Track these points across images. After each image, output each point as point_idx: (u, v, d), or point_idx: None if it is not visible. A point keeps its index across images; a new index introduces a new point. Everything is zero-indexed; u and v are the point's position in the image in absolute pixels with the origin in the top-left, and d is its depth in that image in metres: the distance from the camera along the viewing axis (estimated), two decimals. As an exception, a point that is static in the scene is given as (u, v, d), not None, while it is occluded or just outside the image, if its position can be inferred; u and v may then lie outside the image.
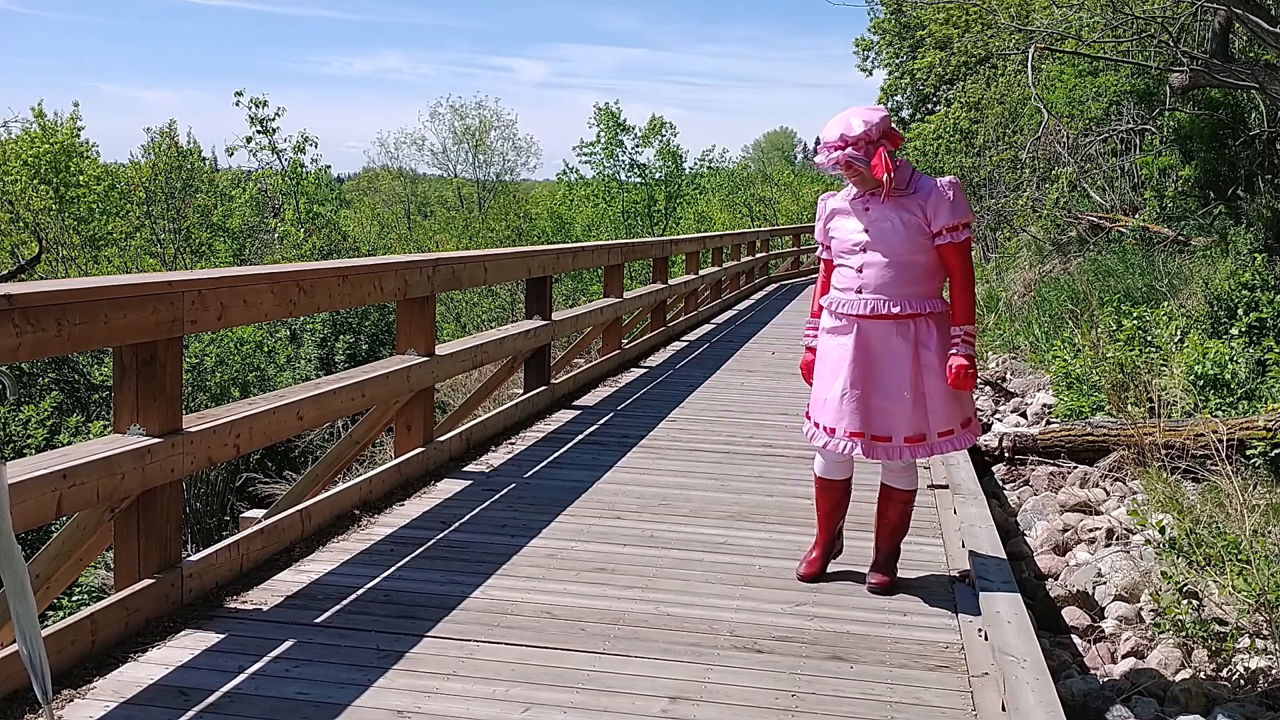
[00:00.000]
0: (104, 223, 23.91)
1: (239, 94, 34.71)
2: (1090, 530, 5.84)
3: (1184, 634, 4.34)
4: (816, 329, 4.29)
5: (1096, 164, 16.52)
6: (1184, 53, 13.09)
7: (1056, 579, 5.35)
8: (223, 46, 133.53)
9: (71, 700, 3.06)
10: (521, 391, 8.06)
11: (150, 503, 3.64)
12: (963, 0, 23.38)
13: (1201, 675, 4.09)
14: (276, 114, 31.73)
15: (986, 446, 7.46)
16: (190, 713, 3.02)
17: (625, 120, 39.63)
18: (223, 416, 4.08)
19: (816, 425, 4.18)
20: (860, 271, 4.05)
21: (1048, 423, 8.41)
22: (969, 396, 4.18)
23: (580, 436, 6.97)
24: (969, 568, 4.36)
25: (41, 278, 17.06)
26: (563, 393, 8.28)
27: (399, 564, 4.35)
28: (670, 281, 12.69)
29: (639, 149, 39.95)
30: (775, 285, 23.69)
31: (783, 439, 7.01)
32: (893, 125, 4.02)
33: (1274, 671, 4.02)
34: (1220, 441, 5.70)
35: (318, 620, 3.73)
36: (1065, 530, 5.95)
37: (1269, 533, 4.91)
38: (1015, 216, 18.99)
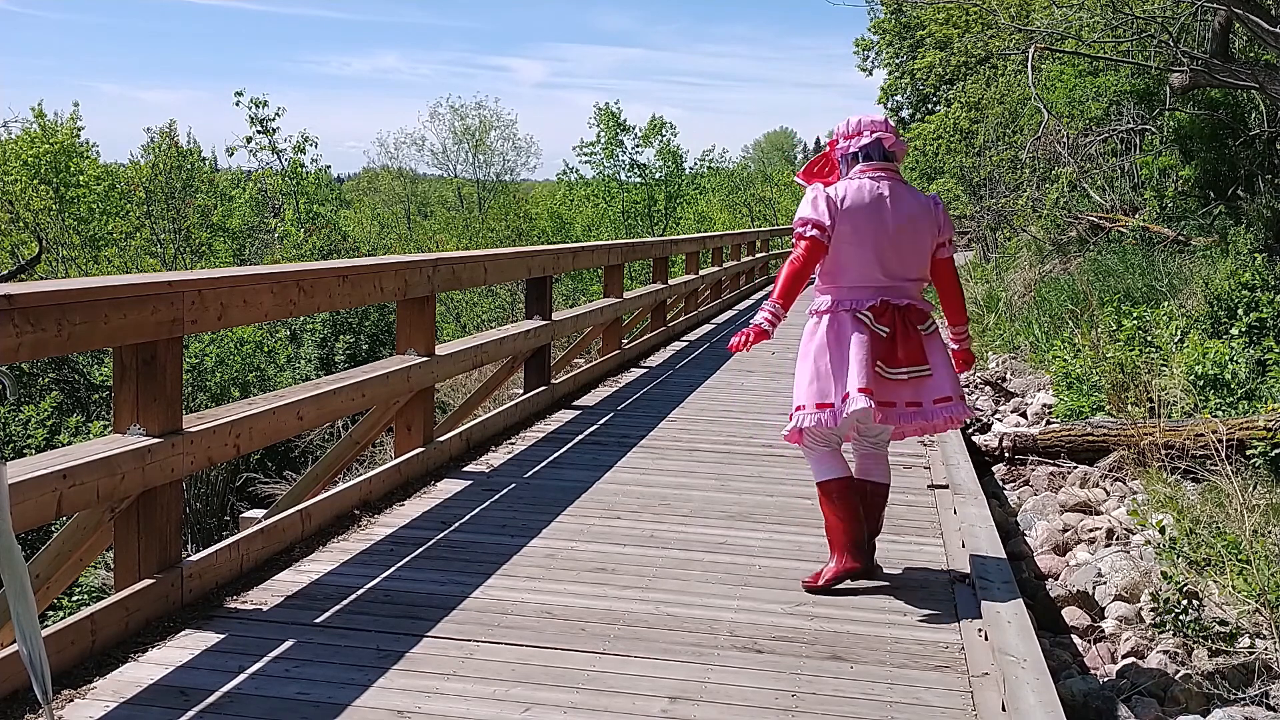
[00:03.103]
0: (104, 223, 23.91)
1: (239, 94, 34.76)
2: (1090, 530, 5.84)
3: (1184, 634, 4.34)
4: None
5: (1096, 164, 16.52)
6: (1184, 53, 13.09)
7: (1056, 579, 5.35)
8: (222, 46, 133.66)
9: (71, 700, 3.06)
10: (521, 392, 8.05)
11: (150, 503, 3.64)
12: (963, 0, 23.39)
13: (1201, 675, 4.08)
14: (276, 114, 31.80)
15: (986, 446, 7.46)
16: (190, 713, 3.02)
17: (625, 120, 39.68)
18: (223, 416, 4.08)
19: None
20: None
21: (1048, 423, 8.42)
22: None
23: (580, 436, 6.96)
24: (969, 568, 4.36)
25: (41, 278, 17.06)
26: (563, 393, 8.27)
27: (399, 564, 4.35)
28: (670, 281, 12.69)
29: (639, 149, 39.99)
30: (775, 285, 23.68)
31: (783, 439, 6.99)
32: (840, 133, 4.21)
33: (1274, 671, 4.02)
34: (1220, 441, 5.70)
35: (318, 620, 3.73)
36: (1065, 530, 5.95)
37: (1269, 533, 4.91)
38: (1015, 216, 19.00)
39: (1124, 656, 4.38)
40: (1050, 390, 9.57)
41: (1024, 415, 9.24)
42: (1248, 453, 6.40)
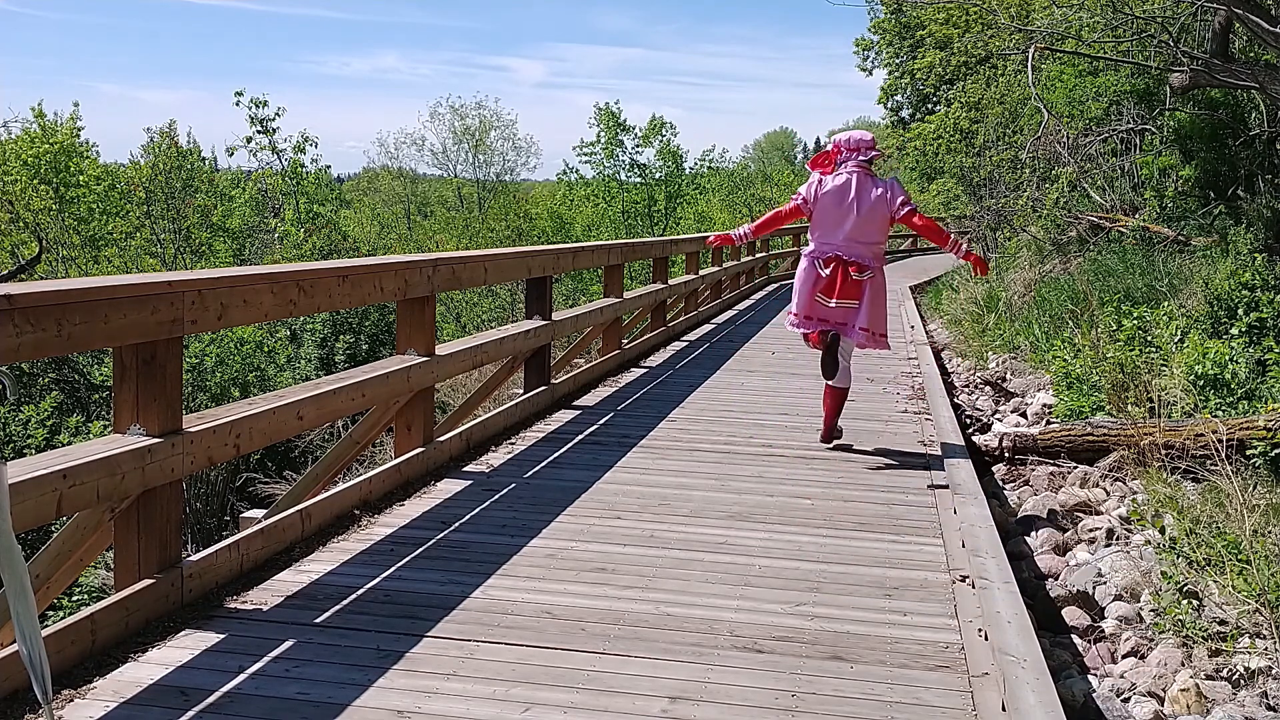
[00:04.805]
0: (104, 223, 23.93)
1: (239, 94, 34.84)
2: (1090, 530, 5.83)
3: (1184, 634, 4.34)
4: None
5: (1096, 164, 16.51)
6: (1184, 53, 13.08)
7: (1056, 579, 5.35)
8: (221, 46, 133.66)
9: (71, 700, 3.06)
10: (521, 391, 8.05)
11: (150, 503, 3.64)
12: (963, 0, 23.39)
13: (1201, 675, 4.08)
14: (276, 114, 31.81)
15: (986, 446, 7.45)
16: (190, 713, 3.02)
17: (625, 120, 39.68)
18: (223, 416, 4.08)
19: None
20: None
21: (1048, 423, 8.41)
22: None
23: (580, 436, 6.97)
24: (969, 568, 4.36)
25: (41, 278, 17.06)
26: (563, 393, 8.28)
27: (399, 564, 4.35)
28: (670, 281, 12.69)
29: (639, 149, 39.99)
30: (775, 285, 23.67)
31: (783, 439, 7.01)
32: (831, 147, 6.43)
33: (1274, 671, 4.02)
34: (1220, 441, 5.69)
35: (318, 620, 3.73)
36: (1065, 530, 5.95)
37: (1269, 533, 4.91)
38: (1015, 216, 18.99)
39: (1124, 656, 4.38)
40: (1050, 390, 9.56)
41: (1024, 415, 9.23)
42: (1248, 453, 6.40)
